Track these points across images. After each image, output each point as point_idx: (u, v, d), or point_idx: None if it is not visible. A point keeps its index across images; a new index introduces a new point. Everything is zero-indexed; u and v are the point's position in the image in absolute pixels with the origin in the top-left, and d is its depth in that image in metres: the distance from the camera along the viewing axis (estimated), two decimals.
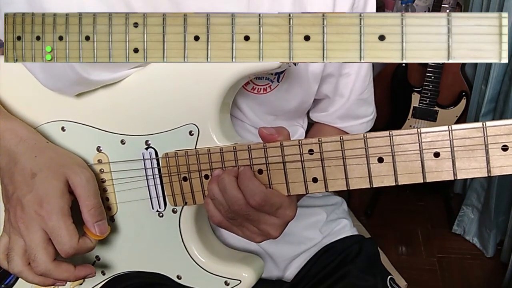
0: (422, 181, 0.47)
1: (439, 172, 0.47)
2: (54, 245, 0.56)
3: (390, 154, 0.48)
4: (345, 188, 0.50)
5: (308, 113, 0.80)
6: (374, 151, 0.48)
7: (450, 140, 0.46)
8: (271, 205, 0.51)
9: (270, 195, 0.51)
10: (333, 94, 0.74)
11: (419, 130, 0.47)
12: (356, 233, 0.81)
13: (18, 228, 0.56)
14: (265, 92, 0.66)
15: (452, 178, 0.46)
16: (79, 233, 0.56)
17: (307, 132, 0.80)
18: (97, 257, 0.65)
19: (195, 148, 0.57)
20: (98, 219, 0.57)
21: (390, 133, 0.48)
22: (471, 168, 0.46)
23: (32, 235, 0.55)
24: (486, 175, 0.45)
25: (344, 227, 0.81)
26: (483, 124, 0.45)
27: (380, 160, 0.48)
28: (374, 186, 0.49)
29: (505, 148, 0.44)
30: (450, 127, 0.46)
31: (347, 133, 0.78)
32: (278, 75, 0.65)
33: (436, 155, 0.46)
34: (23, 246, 0.57)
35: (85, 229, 0.57)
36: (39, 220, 0.55)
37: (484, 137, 0.45)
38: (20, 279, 0.67)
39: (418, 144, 0.47)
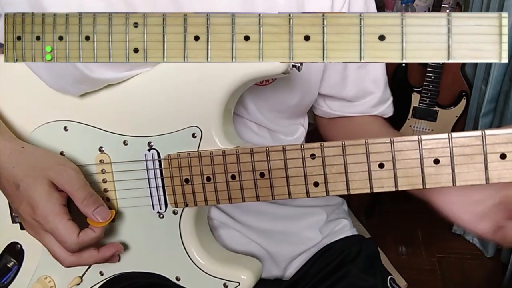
0: (421, 188, 0.48)
1: (439, 179, 0.48)
2: (59, 244, 0.56)
3: (391, 160, 0.48)
4: (346, 193, 0.51)
5: (308, 112, 0.80)
6: (375, 157, 0.49)
7: (450, 148, 0.47)
8: None
9: None
10: (355, 97, 0.75)
11: (419, 137, 0.47)
12: (356, 233, 0.81)
13: (33, 237, 0.59)
14: (267, 83, 0.66)
15: (451, 185, 0.47)
16: (79, 228, 0.56)
17: (341, 129, 0.80)
18: None
19: (198, 151, 0.57)
20: (95, 207, 0.57)
21: (391, 139, 0.48)
22: (470, 175, 0.47)
23: (43, 239, 0.57)
24: (485, 183, 0.46)
25: (344, 227, 0.81)
26: (482, 133, 0.46)
27: (381, 165, 0.49)
28: (374, 191, 0.50)
29: (503, 157, 0.45)
30: (450, 134, 0.47)
31: (381, 117, 0.79)
32: None
33: (436, 162, 0.47)
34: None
35: (88, 221, 0.57)
36: (39, 225, 0.56)
37: (483, 145, 0.46)
38: (16, 278, 0.67)
39: (418, 151, 0.47)
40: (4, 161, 0.58)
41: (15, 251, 0.67)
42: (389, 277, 0.75)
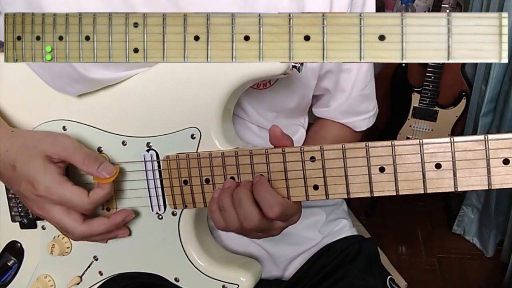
0: (422, 192, 0.48)
1: (440, 183, 0.47)
2: (73, 210, 0.57)
3: (392, 164, 0.48)
4: (346, 197, 0.51)
5: (309, 112, 0.80)
6: (376, 161, 0.49)
7: (451, 152, 0.46)
8: (286, 215, 0.52)
9: (287, 206, 0.52)
10: (334, 89, 0.74)
11: (421, 141, 0.47)
12: (355, 233, 0.81)
13: (39, 215, 0.58)
14: (265, 87, 0.66)
15: (453, 190, 0.47)
16: (86, 189, 0.56)
17: (310, 127, 0.80)
18: (95, 257, 0.65)
19: (197, 152, 0.57)
20: (98, 165, 0.57)
21: (392, 143, 0.48)
22: (472, 180, 0.46)
23: (50, 213, 0.57)
24: (487, 188, 0.46)
25: (344, 227, 0.81)
26: (485, 137, 0.45)
27: (382, 169, 0.49)
28: (374, 195, 0.50)
29: (506, 162, 0.45)
30: (452, 138, 0.46)
31: (350, 128, 0.79)
32: None
33: (438, 166, 0.47)
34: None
35: (94, 180, 0.57)
36: (43, 200, 0.56)
37: (486, 150, 0.45)
38: (16, 277, 0.67)
39: (419, 155, 0.47)
40: None
41: (15, 250, 0.67)
42: (389, 277, 0.75)
